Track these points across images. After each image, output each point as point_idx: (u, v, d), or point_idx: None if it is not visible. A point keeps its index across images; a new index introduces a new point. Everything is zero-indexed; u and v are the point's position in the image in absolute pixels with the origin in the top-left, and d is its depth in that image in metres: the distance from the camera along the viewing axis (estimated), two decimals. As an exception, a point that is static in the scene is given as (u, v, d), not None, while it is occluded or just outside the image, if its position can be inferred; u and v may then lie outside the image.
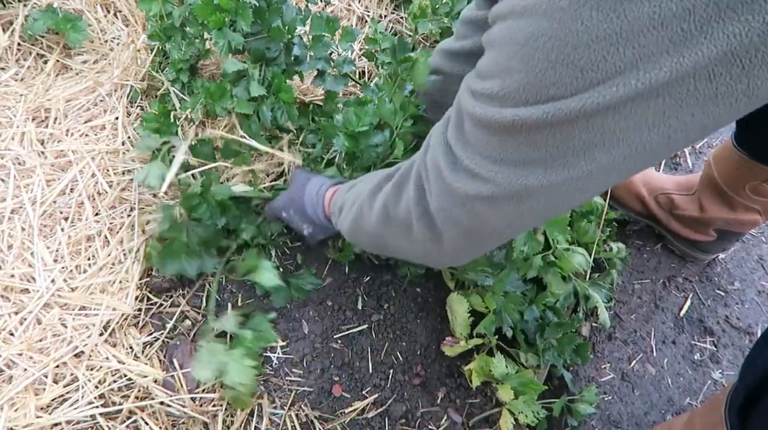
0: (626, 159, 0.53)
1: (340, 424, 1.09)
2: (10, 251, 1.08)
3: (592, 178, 0.55)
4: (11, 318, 1.02)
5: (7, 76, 1.27)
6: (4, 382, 0.96)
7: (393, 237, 0.81)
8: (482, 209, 0.63)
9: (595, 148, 0.52)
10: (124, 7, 1.42)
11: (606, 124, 0.50)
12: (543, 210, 0.61)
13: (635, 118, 0.49)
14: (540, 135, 0.53)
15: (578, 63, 0.48)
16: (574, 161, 0.54)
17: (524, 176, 0.57)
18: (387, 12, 1.65)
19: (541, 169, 0.56)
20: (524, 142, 0.55)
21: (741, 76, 0.45)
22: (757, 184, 1.24)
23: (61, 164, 1.19)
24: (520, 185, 0.58)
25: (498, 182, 0.59)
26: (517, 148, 0.56)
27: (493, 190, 0.60)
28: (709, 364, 1.34)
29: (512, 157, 0.57)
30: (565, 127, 0.51)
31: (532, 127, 0.53)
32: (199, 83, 1.20)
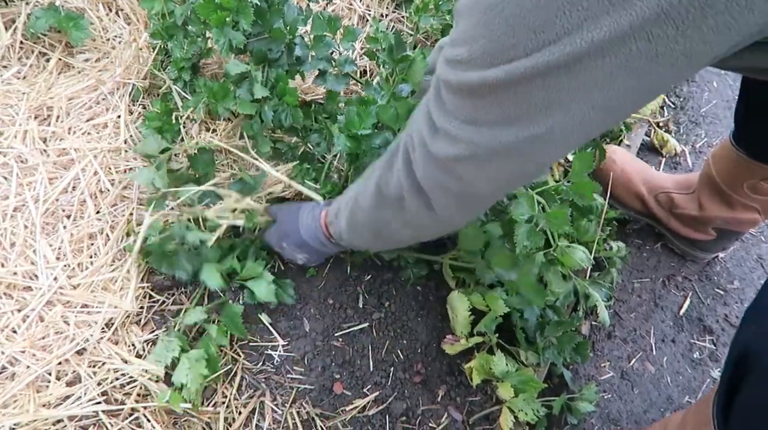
0: (584, 117, 0.58)
1: (341, 421, 1.09)
2: (12, 249, 1.08)
3: (557, 135, 0.60)
4: (14, 315, 1.02)
5: (9, 74, 1.27)
6: (7, 379, 0.97)
7: (389, 217, 0.85)
8: (465, 171, 0.69)
9: (553, 106, 0.57)
10: (125, 5, 1.42)
11: (559, 82, 0.54)
12: (521, 165, 0.66)
13: (585, 77, 0.53)
14: (505, 95, 0.58)
15: (532, 25, 0.52)
16: (537, 118, 0.59)
17: (497, 135, 0.62)
18: (388, 11, 1.65)
19: (510, 128, 0.61)
20: (492, 102, 0.60)
21: (677, 37, 0.48)
22: (756, 183, 1.25)
23: (64, 162, 1.19)
24: (494, 143, 0.63)
25: (475, 143, 0.64)
26: (487, 109, 0.61)
27: (472, 150, 0.65)
28: (709, 362, 1.35)
29: (484, 118, 0.62)
30: (524, 85, 0.56)
31: (497, 87, 0.57)
32: (202, 82, 1.21)
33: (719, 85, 1.89)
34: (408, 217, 0.83)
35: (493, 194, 0.76)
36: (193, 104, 1.23)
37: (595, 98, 0.55)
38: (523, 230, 1.01)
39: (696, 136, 1.77)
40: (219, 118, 1.30)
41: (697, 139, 1.76)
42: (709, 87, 1.87)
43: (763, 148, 1.18)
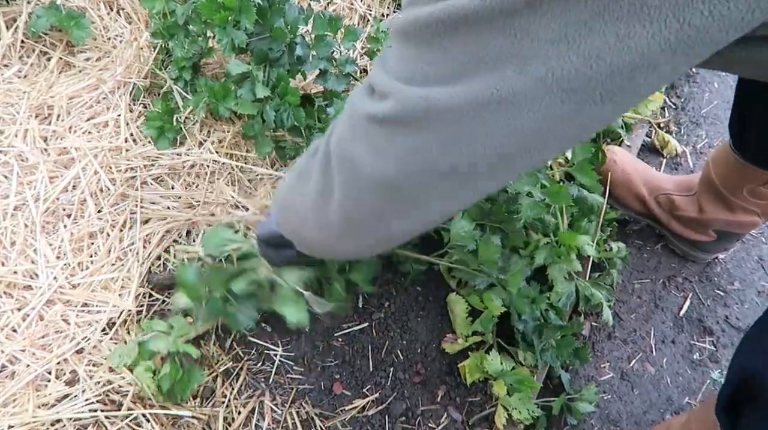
0: (541, 88, 0.46)
1: (340, 421, 1.09)
2: (13, 248, 1.08)
3: (501, 109, 0.48)
4: (14, 314, 1.02)
5: (10, 73, 1.27)
6: (7, 378, 0.97)
7: (296, 191, 0.72)
8: (378, 135, 0.55)
9: (509, 62, 0.46)
10: (127, 4, 1.42)
11: (524, 27, 0.44)
12: (443, 155, 0.53)
13: (555, 24, 0.43)
14: (453, 38, 0.47)
15: None
16: (484, 77, 0.47)
17: (429, 92, 0.50)
18: (389, 11, 1.65)
19: (448, 86, 0.49)
20: (437, 48, 0.49)
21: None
22: (755, 188, 1.25)
23: (64, 161, 1.20)
24: (419, 102, 0.50)
25: (398, 98, 0.52)
26: (428, 58, 0.50)
27: (391, 106, 0.53)
28: (708, 364, 1.34)
29: (422, 72, 0.51)
30: (479, 26, 0.45)
31: (445, 25, 0.47)
32: (203, 82, 1.21)
33: (720, 85, 1.88)
34: (307, 196, 0.68)
35: (401, 199, 0.58)
36: (194, 104, 1.23)
37: (560, 59, 0.44)
38: (527, 203, 1.02)
39: (697, 136, 1.77)
40: (220, 118, 1.30)
41: (698, 139, 1.76)
42: (709, 88, 1.87)
43: (762, 153, 1.18)
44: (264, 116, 1.17)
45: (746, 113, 1.15)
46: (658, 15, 0.40)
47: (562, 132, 0.51)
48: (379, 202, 0.59)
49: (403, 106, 0.52)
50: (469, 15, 0.45)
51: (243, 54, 1.19)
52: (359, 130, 0.57)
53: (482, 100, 0.48)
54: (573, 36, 0.43)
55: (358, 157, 0.57)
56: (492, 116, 0.48)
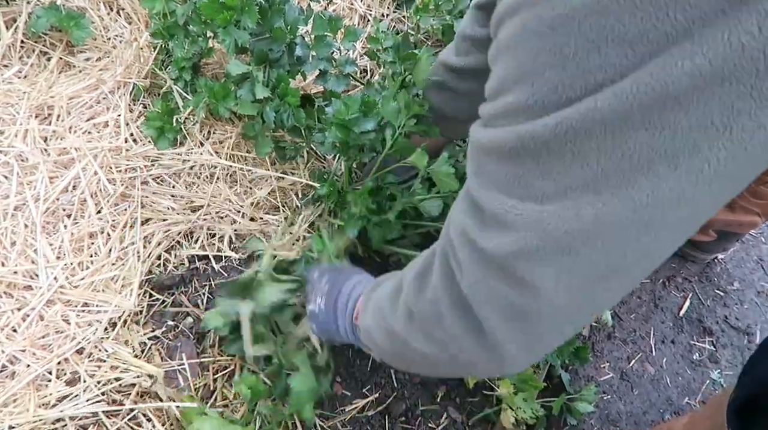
0: (696, 178, 0.40)
1: (340, 421, 1.09)
2: (13, 248, 1.08)
3: (660, 207, 0.42)
4: (14, 314, 1.02)
5: (10, 74, 1.27)
6: (7, 378, 0.97)
7: (420, 342, 0.62)
8: (526, 271, 0.47)
9: (656, 158, 0.40)
10: (126, 5, 1.42)
11: (665, 117, 0.38)
12: (606, 264, 0.45)
13: (698, 110, 0.37)
14: (587, 143, 0.41)
15: (625, 36, 0.37)
16: (631, 178, 0.41)
17: (571, 208, 0.43)
18: (389, 11, 1.65)
19: (591, 195, 0.42)
20: (568, 159, 0.42)
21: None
22: (755, 187, 1.25)
23: (64, 162, 1.19)
24: (568, 222, 0.44)
25: (541, 227, 0.45)
26: (555, 170, 0.44)
27: (529, 236, 0.46)
28: (708, 364, 1.35)
29: (555, 186, 0.44)
30: (617, 125, 0.40)
31: (577, 132, 0.41)
32: (203, 82, 1.21)
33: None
34: (447, 344, 0.58)
35: (572, 314, 0.51)
36: (193, 104, 1.23)
37: (711, 146, 0.39)
38: None
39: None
40: (220, 119, 1.30)
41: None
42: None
43: None
44: (264, 117, 1.17)
45: None
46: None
47: (709, 207, 0.45)
48: (543, 329, 0.52)
49: (540, 231, 0.45)
50: (605, 119, 0.40)
51: (243, 54, 1.19)
52: (499, 269, 0.50)
53: (639, 204, 0.42)
54: (720, 122, 0.38)
55: (507, 296, 0.50)
56: (645, 217, 0.43)
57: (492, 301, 0.51)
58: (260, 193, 1.26)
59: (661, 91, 0.37)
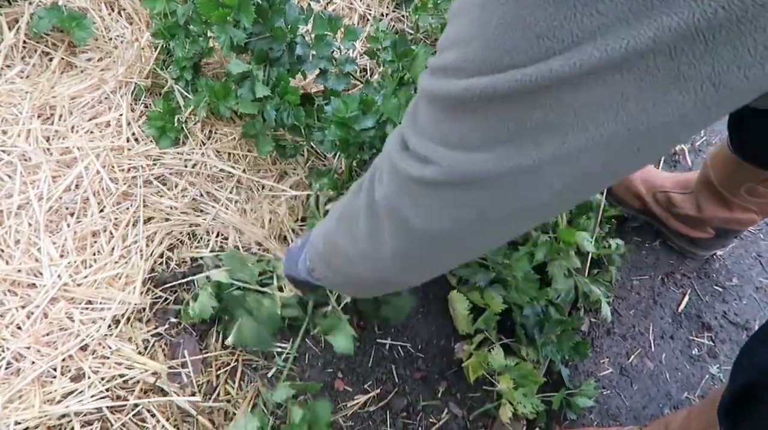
0: (582, 152, 0.48)
1: (342, 417, 1.10)
2: (17, 247, 1.09)
3: (545, 172, 0.50)
4: (18, 312, 1.03)
5: (12, 74, 1.28)
6: (12, 374, 0.98)
7: (341, 239, 0.75)
8: (426, 197, 0.58)
9: (547, 131, 0.48)
10: (128, 5, 1.43)
11: (562, 100, 0.45)
12: (492, 209, 0.56)
13: (592, 96, 0.44)
14: (493, 110, 0.49)
15: (536, 29, 0.43)
16: (525, 145, 0.49)
17: (472, 160, 0.52)
18: (388, 10, 1.66)
19: (490, 153, 0.51)
20: (476, 120, 0.51)
21: (705, 55, 0.40)
22: (753, 186, 1.26)
23: (67, 161, 1.21)
24: (464, 168, 0.53)
25: (443, 164, 0.54)
26: (468, 127, 0.52)
27: (437, 172, 0.55)
28: (707, 359, 1.36)
29: (462, 139, 0.53)
30: (517, 100, 0.47)
31: (485, 100, 0.48)
32: (203, 82, 1.22)
33: (718, 83, 1.90)
34: (357, 241, 0.71)
35: (453, 244, 0.62)
36: (194, 103, 1.24)
37: (598, 126, 0.46)
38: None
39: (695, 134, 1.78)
40: (221, 118, 1.31)
41: (696, 137, 1.77)
42: (707, 86, 1.88)
43: (759, 152, 1.19)
44: (264, 115, 1.18)
45: (744, 113, 1.16)
46: (693, 83, 0.42)
47: (598, 181, 0.54)
48: (431, 248, 0.63)
49: (446, 172, 0.54)
50: (508, 91, 0.46)
51: (243, 54, 1.20)
52: (406, 189, 0.60)
53: (525, 165, 0.50)
54: (610, 106, 0.44)
55: (408, 213, 0.60)
56: (534, 177, 0.51)
57: (394, 212, 0.62)
58: (261, 192, 1.27)
59: (559, 77, 0.44)
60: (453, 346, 1.22)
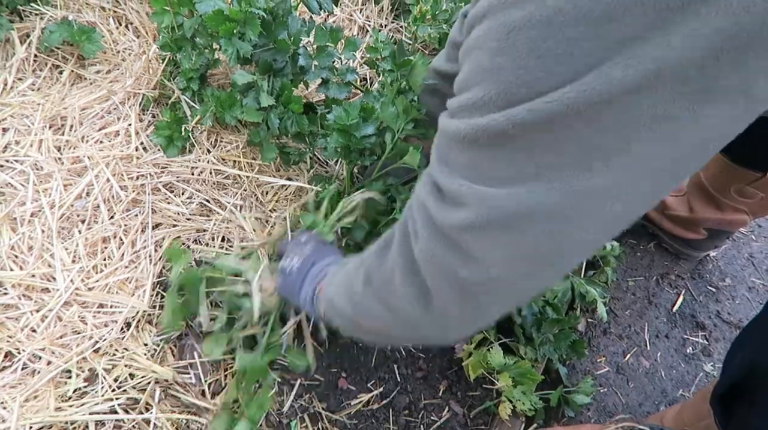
0: (627, 171, 0.47)
1: (346, 415, 1.13)
2: (30, 253, 1.13)
3: (594, 197, 0.48)
4: (33, 316, 1.07)
5: (24, 86, 1.32)
6: (28, 375, 1.01)
7: (372, 304, 0.70)
8: (472, 243, 0.54)
9: (592, 154, 0.46)
10: (135, 19, 1.47)
11: (601, 119, 0.45)
12: (546, 245, 0.52)
13: (629, 112, 0.44)
14: (530, 139, 0.48)
15: (568, 48, 0.43)
16: (568, 171, 0.47)
17: (514, 194, 0.50)
18: (387, 21, 1.71)
19: (532, 184, 0.49)
20: (514, 150, 0.49)
21: (734, 66, 0.41)
22: (742, 187, 1.30)
23: (78, 170, 1.24)
24: (509, 205, 0.50)
25: (489, 205, 0.51)
26: (505, 161, 0.50)
27: (479, 214, 0.52)
28: (701, 357, 1.39)
29: (501, 174, 0.51)
30: (557, 125, 0.46)
31: (522, 129, 0.47)
32: (209, 92, 1.26)
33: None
34: (398, 308, 0.65)
35: (510, 287, 0.57)
36: (201, 113, 1.29)
37: (641, 143, 0.45)
38: None
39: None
40: (227, 127, 1.35)
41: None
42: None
43: (748, 154, 1.23)
44: (269, 124, 1.22)
45: None
46: (725, 97, 0.43)
47: (641, 209, 0.52)
48: (483, 299, 0.59)
49: (489, 210, 0.52)
50: (542, 117, 0.46)
51: (248, 65, 1.24)
52: (448, 239, 0.57)
53: (574, 192, 0.48)
54: (650, 122, 0.44)
55: (453, 265, 0.57)
56: (584, 208, 0.49)
57: (439, 269, 0.58)
58: (266, 197, 1.31)
59: (593, 98, 0.43)
60: (453, 346, 1.26)
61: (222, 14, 1.09)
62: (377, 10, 1.71)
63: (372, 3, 1.71)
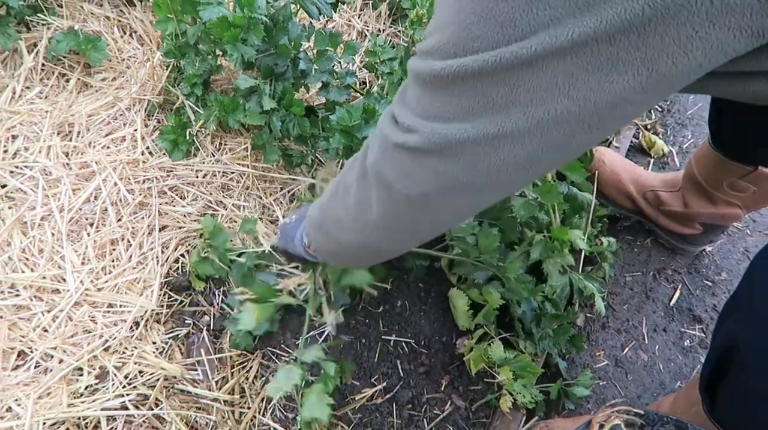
0: (540, 124, 0.57)
1: (351, 409, 1.16)
2: (41, 255, 1.16)
3: (511, 140, 0.59)
4: (44, 316, 1.10)
5: (32, 95, 1.36)
6: (41, 373, 1.04)
7: (336, 203, 0.83)
8: (408, 162, 0.66)
9: (512, 105, 0.56)
10: (139, 27, 1.51)
11: (522, 79, 0.54)
12: (464, 175, 0.64)
13: (547, 76, 0.53)
14: (464, 87, 0.57)
15: (499, 19, 0.52)
16: (493, 117, 0.58)
17: (450, 129, 0.61)
18: (385, 26, 1.74)
19: (464, 123, 0.60)
20: (451, 95, 0.59)
21: (638, 43, 0.49)
22: (734, 181, 1.32)
23: (85, 174, 1.28)
24: (442, 137, 0.61)
25: (423, 134, 0.63)
26: (444, 101, 0.60)
27: (418, 140, 0.63)
28: (699, 350, 1.41)
29: (440, 112, 0.61)
30: (486, 79, 0.55)
31: (457, 78, 0.57)
32: (213, 97, 1.29)
33: (704, 88, 1.97)
34: (349, 207, 0.79)
35: (431, 209, 0.71)
36: (205, 117, 1.32)
37: (554, 101, 0.55)
38: (520, 202, 1.10)
39: (683, 137, 1.85)
40: (230, 130, 1.38)
41: (683, 140, 1.84)
42: (693, 90, 1.95)
43: (737, 149, 1.26)
44: (271, 127, 1.25)
45: (722, 111, 1.23)
46: (630, 67, 0.50)
47: (556, 155, 0.62)
48: (411, 212, 0.72)
49: (426, 139, 0.63)
50: (476, 71, 0.55)
51: (250, 70, 1.28)
52: (390, 155, 0.69)
53: (491, 134, 0.59)
54: (562, 84, 0.53)
55: (391, 177, 0.69)
56: (500, 145, 0.59)
57: (380, 175, 0.70)
58: (269, 198, 1.35)
59: (518, 61, 0.53)
60: (454, 341, 1.28)
61: (226, 21, 1.13)
62: (375, 15, 1.74)
63: (370, 8, 1.75)
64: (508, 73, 0.54)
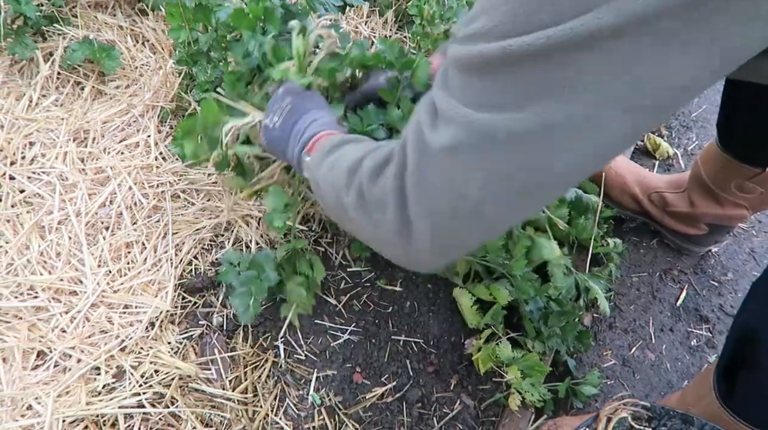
0: (596, 109, 0.52)
1: (361, 408, 1.18)
2: (59, 258, 1.19)
3: (568, 128, 0.53)
4: (62, 317, 1.12)
5: (48, 102, 1.40)
6: (60, 373, 1.07)
7: (360, 217, 0.73)
8: (455, 166, 0.59)
9: (566, 89, 0.51)
10: (151, 36, 1.55)
11: (581, 60, 0.50)
12: (511, 173, 0.57)
13: (611, 54, 0.49)
14: (520, 70, 0.52)
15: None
16: (545, 103, 0.52)
17: (501, 119, 0.54)
18: (391, 32, 1.77)
19: (518, 112, 0.54)
20: (504, 80, 0.54)
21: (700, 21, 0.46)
22: (742, 182, 1.34)
23: (101, 179, 1.31)
24: (495, 130, 0.55)
25: (474, 128, 0.56)
26: (496, 87, 0.55)
27: (468, 137, 0.57)
28: (706, 349, 1.42)
29: (490, 100, 0.55)
30: (543, 60, 0.51)
31: (512, 60, 0.52)
32: (224, 102, 1.32)
33: (708, 90, 1.99)
34: (378, 222, 0.70)
35: (483, 213, 0.61)
36: (217, 123, 1.35)
37: (612, 86, 0.50)
38: None
39: (687, 139, 1.87)
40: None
41: (688, 142, 1.86)
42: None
43: (746, 150, 1.28)
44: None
45: (732, 113, 1.25)
46: (696, 47, 0.48)
47: (616, 142, 0.56)
48: (458, 222, 0.62)
49: (470, 131, 0.56)
50: (536, 50, 0.51)
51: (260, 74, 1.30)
52: (435, 160, 0.61)
53: (552, 122, 0.53)
54: (628, 63, 0.49)
55: (434, 183, 0.61)
56: (564, 135, 0.54)
57: (421, 186, 0.62)
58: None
59: (579, 38, 0.49)
60: (463, 341, 1.30)
61: (243, 12, 1.15)
62: (382, 21, 1.77)
63: (377, 15, 1.78)
64: (567, 54, 0.50)
